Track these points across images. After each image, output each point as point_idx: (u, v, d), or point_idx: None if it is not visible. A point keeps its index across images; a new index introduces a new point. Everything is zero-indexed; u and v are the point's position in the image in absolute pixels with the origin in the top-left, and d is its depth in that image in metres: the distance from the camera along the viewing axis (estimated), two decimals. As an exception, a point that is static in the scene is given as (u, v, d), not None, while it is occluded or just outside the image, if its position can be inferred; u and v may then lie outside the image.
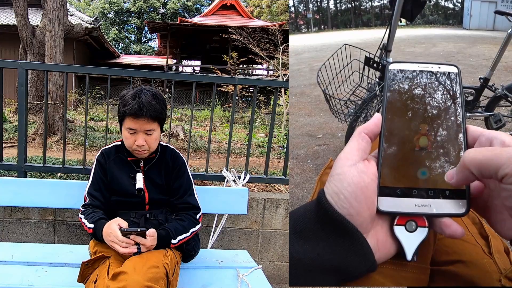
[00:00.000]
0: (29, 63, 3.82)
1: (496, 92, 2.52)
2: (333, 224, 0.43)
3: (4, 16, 12.29)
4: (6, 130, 4.87)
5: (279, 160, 4.43)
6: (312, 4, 21.20)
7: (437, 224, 0.44)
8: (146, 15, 28.18)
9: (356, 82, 2.29)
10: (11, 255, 1.65)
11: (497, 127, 2.68)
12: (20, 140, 2.10)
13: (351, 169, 0.44)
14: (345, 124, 2.34)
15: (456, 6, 17.25)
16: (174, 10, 27.43)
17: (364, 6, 21.10)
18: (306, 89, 5.31)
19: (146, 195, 1.50)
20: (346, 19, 21.17)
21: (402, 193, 0.44)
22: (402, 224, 0.44)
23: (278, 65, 9.47)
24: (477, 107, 2.60)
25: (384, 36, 2.14)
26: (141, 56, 22.14)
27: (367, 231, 0.44)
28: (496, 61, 2.51)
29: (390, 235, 0.45)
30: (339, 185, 0.44)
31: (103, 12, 27.47)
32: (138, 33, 30.53)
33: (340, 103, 2.14)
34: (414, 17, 2.05)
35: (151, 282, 1.17)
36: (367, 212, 0.43)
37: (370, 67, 2.17)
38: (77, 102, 10.53)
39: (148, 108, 1.38)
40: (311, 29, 20.26)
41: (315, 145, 3.12)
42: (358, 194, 0.43)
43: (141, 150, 1.46)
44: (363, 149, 0.46)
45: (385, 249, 0.45)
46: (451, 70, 0.47)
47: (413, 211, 0.43)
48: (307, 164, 2.72)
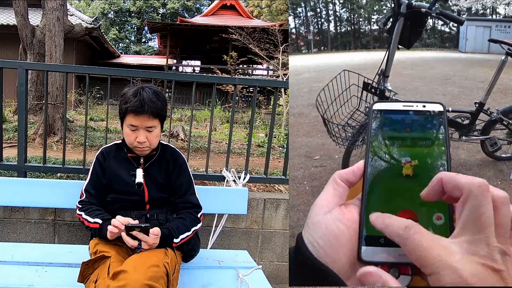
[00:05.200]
0: (29, 63, 3.82)
1: (492, 116, 2.55)
2: (312, 270, 0.43)
3: (4, 16, 12.29)
4: (6, 130, 4.87)
5: (279, 160, 4.43)
6: (312, 26, 21.42)
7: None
8: (146, 15, 28.19)
9: (354, 106, 2.31)
10: (11, 255, 1.65)
11: (493, 150, 2.72)
12: (20, 140, 2.10)
13: (326, 217, 0.44)
14: (343, 147, 2.36)
15: (452, 30, 17.62)
16: (174, 10, 27.44)
17: (363, 29, 21.40)
18: (304, 109, 5.31)
19: (146, 192, 1.50)
20: (346, 41, 21.42)
21: (385, 242, 0.42)
22: (385, 271, 0.43)
23: (278, 65, 9.47)
24: (473, 131, 2.63)
25: (382, 62, 2.17)
26: (141, 56, 22.13)
27: (347, 278, 0.43)
28: (491, 86, 2.54)
29: None
30: (314, 234, 0.44)
31: (103, 12, 27.46)
32: (138, 33, 30.53)
33: (338, 127, 2.16)
34: (411, 44, 2.09)
35: (152, 281, 1.17)
36: (343, 259, 0.43)
37: (368, 92, 2.19)
38: (77, 102, 10.53)
39: (149, 105, 1.39)
40: (311, 50, 20.44)
41: (312, 167, 3.12)
42: (333, 243, 0.42)
43: (142, 147, 1.47)
44: (339, 195, 0.45)
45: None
46: (436, 108, 0.46)
47: (397, 260, 0.42)
48: (304, 186, 2.73)
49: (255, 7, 20.36)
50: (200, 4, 28.88)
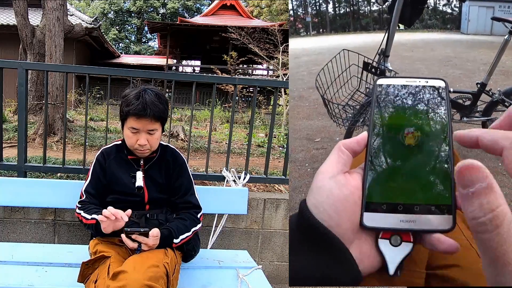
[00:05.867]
0: (29, 63, 3.82)
1: (493, 97, 2.54)
2: (315, 235, 0.43)
3: (4, 16, 12.28)
4: (6, 130, 4.87)
5: (279, 160, 4.43)
6: (311, 7, 21.22)
7: (427, 240, 0.43)
8: (146, 15, 28.18)
9: (354, 86, 2.29)
10: (11, 255, 1.65)
11: None
12: (20, 140, 2.10)
13: (330, 181, 0.44)
14: (343, 128, 2.35)
15: (454, 11, 17.27)
16: (174, 10, 27.44)
17: (363, 10, 21.12)
18: (304, 92, 5.30)
19: (146, 194, 1.50)
20: (345, 23, 21.17)
21: (387, 208, 0.43)
22: (387, 238, 0.44)
23: (278, 65, 9.47)
24: (474, 112, 2.62)
25: (382, 42, 2.15)
26: (141, 56, 22.13)
27: (349, 243, 0.43)
28: (493, 67, 2.52)
29: (374, 247, 0.45)
30: (318, 197, 0.44)
31: (103, 12, 27.46)
32: (138, 33, 30.53)
33: (339, 107, 2.14)
34: (412, 23, 2.07)
35: (151, 281, 1.17)
36: (347, 223, 0.43)
37: (369, 72, 2.18)
38: (77, 102, 10.53)
39: (152, 108, 1.38)
40: (310, 32, 20.27)
41: (313, 149, 3.12)
42: (337, 206, 0.43)
43: (143, 150, 1.47)
44: (343, 162, 0.46)
45: (370, 262, 0.44)
46: (439, 84, 0.47)
47: (398, 227, 0.43)
48: (305, 168, 2.72)
49: (255, 7, 20.36)
50: (200, 4, 28.90)
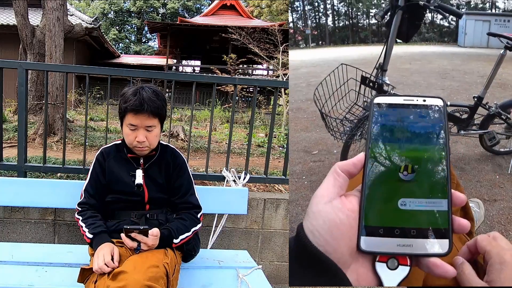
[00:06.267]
0: (29, 63, 3.82)
1: (490, 111, 2.56)
2: (312, 261, 0.43)
3: (4, 16, 12.28)
4: (6, 130, 4.86)
5: (279, 160, 4.42)
6: (310, 20, 21.36)
7: (424, 263, 0.43)
8: (146, 15, 28.18)
9: (352, 100, 2.30)
10: (11, 255, 1.65)
11: (491, 145, 2.73)
12: (20, 140, 2.10)
13: (326, 206, 0.44)
14: (341, 142, 2.36)
15: (451, 24, 17.44)
16: (174, 10, 27.43)
17: (362, 23, 21.29)
18: (302, 104, 5.30)
19: (145, 193, 1.50)
20: (344, 35, 21.31)
21: (384, 232, 0.43)
22: (384, 261, 0.44)
23: (278, 65, 9.47)
24: (471, 125, 2.63)
25: (380, 56, 2.16)
26: (141, 56, 22.13)
27: (346, 267, 0.43)
28: (489, 81, 2.54)
29: (371, 270, 0.45)
30: (315, 223, 0.44)
31: (103, 12, 27.45)
32: (138, 33, 30.52)
33: (336, 121, 2.15)
34: (409, 38, 2.09)
35: (151, 282, 1.17)
36: (344, 248, 0.43)
37: (366, 86, 2.19)
38: (77, 102, 10.53)
39: (148, 104, 1.39)
40: (309, 44, 20.38)
41: (310, 161, 3.12)
42: (333, 232, 0.43)
43: (142, 147, 1.47)
44: (339, 185, 0.46)
45: (366, 284, 0.45)
46: (436, 103, 0.47)
47: (395, 251, 0.43)
48: (302, 181, 2.72)
49: (255, 7, 20.35)
50: (200, 4, 28.89)
